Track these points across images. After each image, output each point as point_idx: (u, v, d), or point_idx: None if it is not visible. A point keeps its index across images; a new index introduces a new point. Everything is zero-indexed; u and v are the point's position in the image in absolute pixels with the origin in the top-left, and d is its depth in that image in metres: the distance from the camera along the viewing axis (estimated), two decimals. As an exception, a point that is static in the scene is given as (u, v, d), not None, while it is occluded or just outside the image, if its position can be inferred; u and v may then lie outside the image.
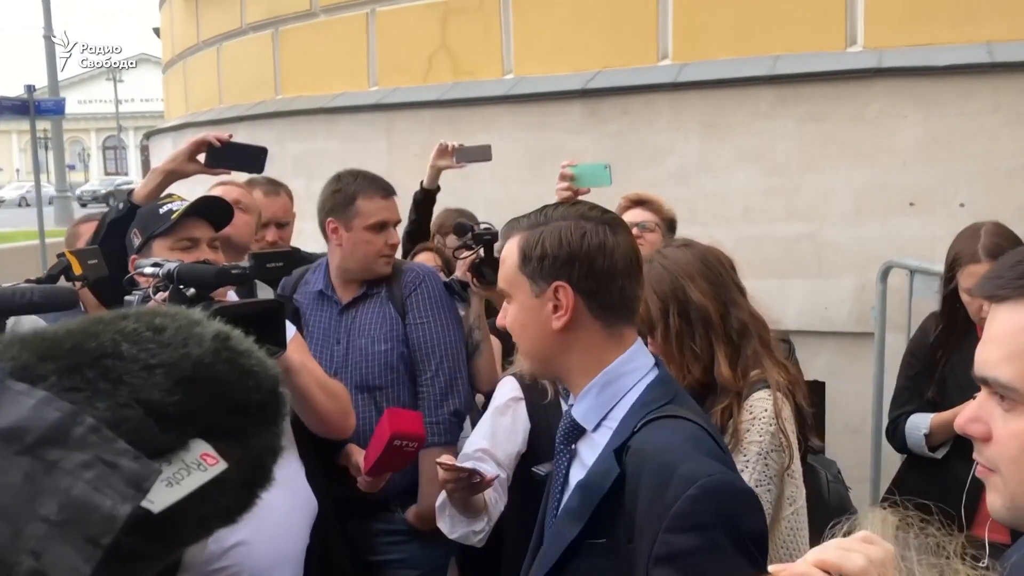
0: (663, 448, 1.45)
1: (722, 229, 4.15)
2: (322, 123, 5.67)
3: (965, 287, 2.78)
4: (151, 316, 0.77)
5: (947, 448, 2.86)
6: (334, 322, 2.82)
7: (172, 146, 7.98)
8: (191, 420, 0.73)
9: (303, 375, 2.31)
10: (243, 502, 0.80)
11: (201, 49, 7.61)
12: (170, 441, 0.72)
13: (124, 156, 55.98)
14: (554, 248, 1.54)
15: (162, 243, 2.30)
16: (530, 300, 1.56)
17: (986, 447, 0.94)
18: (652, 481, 1.41)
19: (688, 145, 4.24)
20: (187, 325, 0.77)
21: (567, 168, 2.97)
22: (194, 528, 0.74)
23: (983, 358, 0.93)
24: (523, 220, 1.61)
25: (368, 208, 2.81)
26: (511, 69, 4.98)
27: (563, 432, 1.64)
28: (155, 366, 0.72)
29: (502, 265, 1.62)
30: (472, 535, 2.24)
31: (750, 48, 4.24)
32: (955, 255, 2.82)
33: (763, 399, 1.98)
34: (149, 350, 0.73)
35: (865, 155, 3.97)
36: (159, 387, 0.71)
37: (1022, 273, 0.91)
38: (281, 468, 1.89)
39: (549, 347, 1.57)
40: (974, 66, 3.76)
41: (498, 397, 2.47)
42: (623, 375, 1.57)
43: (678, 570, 1.36)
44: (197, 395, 0.73)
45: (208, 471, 0.72)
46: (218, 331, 0.79)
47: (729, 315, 2.05)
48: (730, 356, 2.02)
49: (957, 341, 2.87)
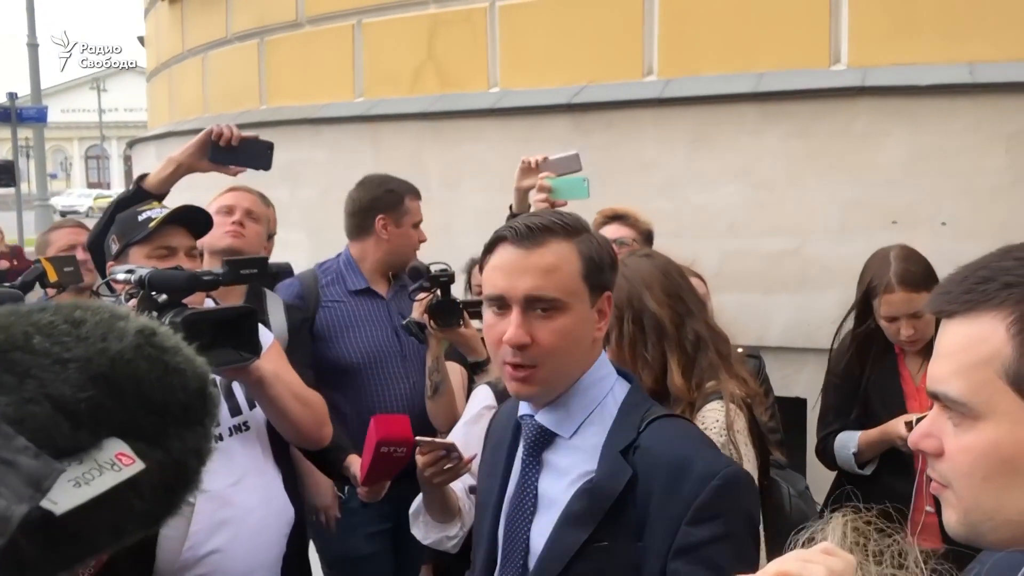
0: (675, 445, 1.47)
1: (707, 243, 4.16)
2: (307, 133, 5.65)
3: (882, 314, 2.85)
4: (71, 309, 0.74)
5: (875, 464, 2.92)
6: (384, 315, 3.06)
7: (155, 155, 7.92)
8: (106, 418, 0.70)
9: (277, 385, 2.29)
10: (164, 506, 0.76)
11: (186, 57, 7.57)
12: (82, 439, 0.68)
13: (107, 166, 55.66)
14: (609, 256, 1.55)
15: (139, 250, 2.28)
16: (586, 311, 1.50)
17: (939, 462, 0.94)
18: (668, 478, 1.42)
19: (674, 159, 4.25)
20: (109, 319, 0.74)
21: (545, 180, 2.97)
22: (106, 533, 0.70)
23: (933, 373, 0.94)
24: (556, 224, 1.50)
25: (413, 207, 3.29)
26: (497, 82, 4.98)
27: (529, 442, 1.60)
28: (69, 360, 0.69)
29: (555, 273, 1.47)
30: (446, 540, 2.23)
31: (735, 65, 4.26)
32: (869, 283, 2.88)
33: (715, 410, 1.99)
34: (64, 343, 0.70)
35: (849, 172, 3.99)
36: (71, 383, 0.68)
37: (969, 288, 0.92)
38: (256, 476, 1.88)
39: (580, 358, 1.53)
40: (956, 85, 3.80)
41: (472, 406, 2.46)
42: (598, 381, 1.58)
43: (698, 559, 1.38)
44: (113, 392, 0.70)
45: (123, 471, 0.69)
46: (143, 326, 0.76)
47: (685, 326, 2.06)
48: (683, 366, 2.03)
49: (876, 359, 2.93)
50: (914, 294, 2.76)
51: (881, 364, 2.96)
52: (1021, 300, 0.88)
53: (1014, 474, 0.87)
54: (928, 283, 2.73)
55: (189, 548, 2.12)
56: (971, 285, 0.92)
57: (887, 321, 2.86)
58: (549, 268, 1.47)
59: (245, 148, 2.65)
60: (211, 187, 3.20)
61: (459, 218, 4.61)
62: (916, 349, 2.88)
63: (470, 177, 3.95)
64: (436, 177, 4.67)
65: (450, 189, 4.81)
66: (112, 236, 2.38)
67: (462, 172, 4.81)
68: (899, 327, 2.83)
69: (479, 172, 4.32)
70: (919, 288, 2.75)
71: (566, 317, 1.48)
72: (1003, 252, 0.93)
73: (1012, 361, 0.87)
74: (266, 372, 2.23)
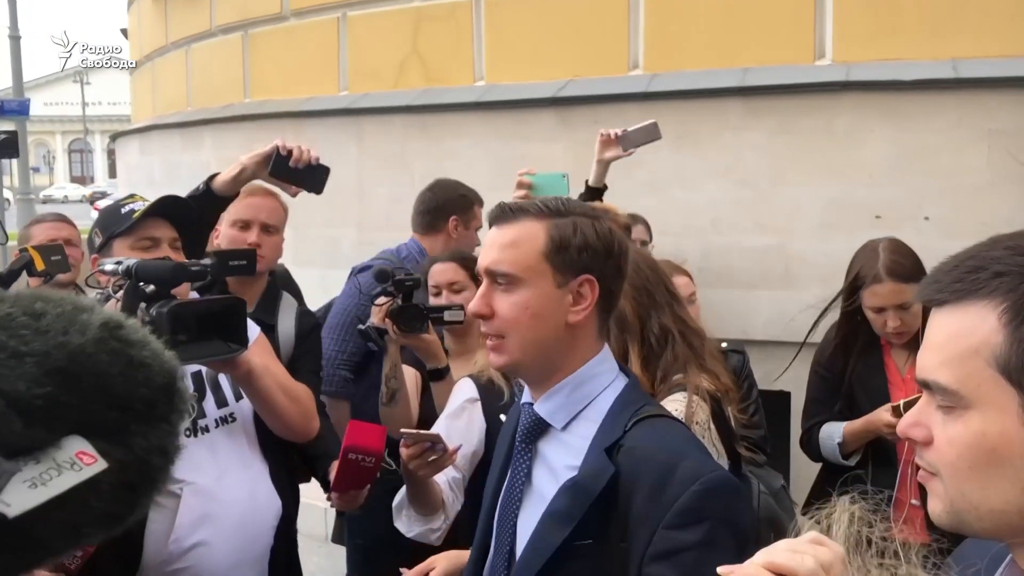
0: (661, 446, 1.45)
1: (691, 239, 4.16)
2: (291, 127, 5.61)
3: (869, 305, 2.86)
4: (31, 300, 0.71)
5: (859, 455, 2.93)
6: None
7: (139, 148, 7.87)
8: (63, 415, 0.66)
9: (265, 378, 2.28)
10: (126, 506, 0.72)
11: (170, 51, 7.52)
12: (37, 437, 0.65)
13: (91, 159, 55.29)
14: (592, 240, 1.53)
15: (122, 242, 2.26)
16: (550, 290, 1.52)
17: (927, 451, 0.94)
18: (652, 479, 1.40)
19: (659, 156, 4.25)
20: (71, 312, 0.71)
21: (525, 176, 2.96)
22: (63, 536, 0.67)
23: (923, 363, 0.94)
24: (534, 205, 1.55)
25: (479, 214, 3.66)
26: (482, 76, 4.97)
27: (524, 430, 1.60)
28: (25, 354, 0.66)
29: (513, 248, 1.53)
30: (430, 533, 2.23)
31: (721, 60, 4.27)
32: (857, 274, 2.88)
33: (676, 401, 1.97)
34: (21, 336, 0.67)
35: (833, 168, 4.00)
36: (26, 377, 0.65)
37: (959, 277, 0.92)
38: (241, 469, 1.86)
39: (555, 340, 1.54)
40: (940, 81, 3.81)
41: (455, 399, 2.46)
42: (596, 376, 1.56)
43: (676, 566, 1.35)
44: (72, 388, 0.67)
45: (83, 471, 0.66)
46: (108, 319, 0.72)
47: (650, 318, 2.06)
48: (644, 358, 2.03)
49: (861, 351, 2.94)
50: (903, 285, 2.76)
51: (866, 357, 2.96)
52: (1012, 289, 0.88)
53: (1000, 464, 0.87)
54: (916, 275, 2.73)
55: (174, 541, 2.11)
56: (961, 274, 0.92)
57: (874, 312, 2.87)
58: (508, 244, 1.53)
59: (306, 169, 2.57)
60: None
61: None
62: (902, 342, 2.89)
63: (454, 173, 3.94)
64: (420, 172, 4.66)
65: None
66: (95, 229, 2.37)
67: (446, 168, 4.79)
68: (886, 319, 2.84)
69: (463, 168, 4.30)
70: (907, 279, 2.75)
71: (523, 292, 1.52)
72: (992, 242, 0.93)
73: (1003, 350, 0.87)
74: (255, 364, 2.22)
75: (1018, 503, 0.87)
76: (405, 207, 3.84)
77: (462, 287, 2.89)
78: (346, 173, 5.02)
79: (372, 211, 5.20)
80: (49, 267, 2.35)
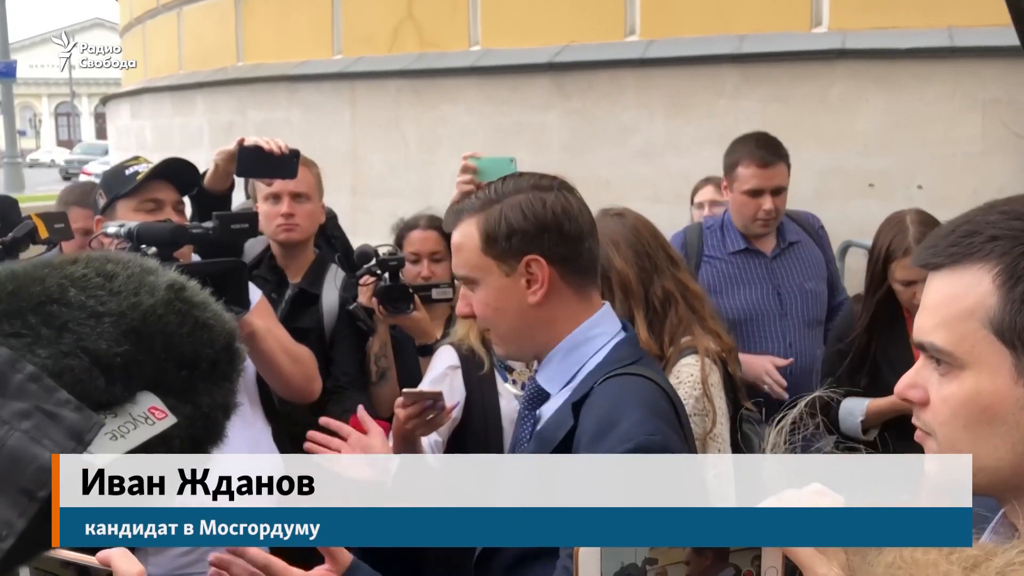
0: (612, 402, 1.45)
1: (685, 208, 4.18)
2: (284, 91, 5.59)
3: (899, 279, 2.86)
4: (102, 262, 0.74)
5: (876, 431, 2.95)
6: (766, 272, 3.13)
7: (129, 112, 7.81)
8: (138, 372, 0.70)
9: (268, 339, 2.30)
10: None
11: (160, 13, 7.44)
12: (116, 393, 0.69)
13: (77, 123, 54.71)
14: (519, 222, 1.52)
15: (126, 204, 2.27)
16: (501, 281, 1.53)
17: (923, 412, 0.97)
18: (591, 432, 1.42)
19: (653, 124, 4.25)
20: (139, 273, 0.74)
21: (470, 161, 2.89)
22: None
23: (919, 325, 0.97)
24: (469, 203, 1.57)
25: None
26: (478, 41, 4.94)
27: (527, 398, 1.66)
28: (103, 314, 0.69)
29: (459, 252, 1.57)
30: None
31: (717, 27, 4.26)
32: (886, 248, 2.87)
33: (690, 364, 2.02)
34: (98, 297, 0.70)
35: (827, 137, 4.02)
36: (106, 336, 0.68)
37: (955, 241, 0.94)
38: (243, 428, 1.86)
39: (528, 324, 1.56)
40: (935, 50, 3.82)
41: (435, 366, 2.47)
42: (589, 339, 1.58)
43: None
44: (145, 347, 0.71)
45: (156, 425, 0.70)
46: (172, 281, 0.76)
47: (653, 283, 2.08)
48: (650, 322, 2.06)
49: (884, 327, 2.95)
50: None
51: (890, 331, 2.97)
52: (1006, 252, 0.90)
53: (992, 423, 0.90)
54: None
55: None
56: (957, 239, 0.94)
57: (902, 285, 2.87)
58: (456, 248, 1.59)
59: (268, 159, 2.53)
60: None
61: (437, 180, 4.60)
62: None
63: (448, 139, 3.94)
64: (414, 139, 4.65)
65: (428, 152, 4.79)
66: (99, 191, 2.38)
67: (440, 135, 4.79)
68: (915, 291, 2.84)
69: (457, 134, 4.30)
70: None
71: (481, 290, 1.56)
72: (988, 207, 0.96)
73: (997, 311, 0.90)
74: (258, 327, 2.24)
75: (1010, 460, 0.90)
76: (399, 173, 3.84)
77: (442, 257, 2.87)
78: (339, 138, 5.01)
79: (366, 177, 5.19)
80: (52, 235, 2.34)
